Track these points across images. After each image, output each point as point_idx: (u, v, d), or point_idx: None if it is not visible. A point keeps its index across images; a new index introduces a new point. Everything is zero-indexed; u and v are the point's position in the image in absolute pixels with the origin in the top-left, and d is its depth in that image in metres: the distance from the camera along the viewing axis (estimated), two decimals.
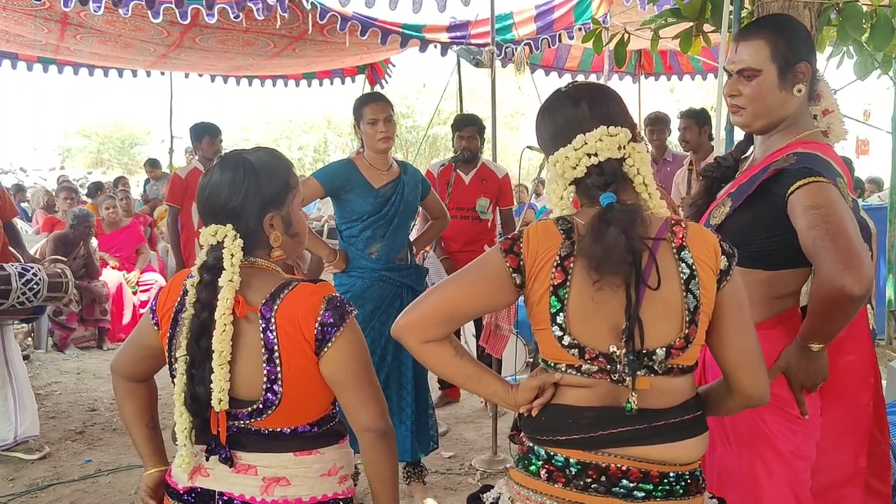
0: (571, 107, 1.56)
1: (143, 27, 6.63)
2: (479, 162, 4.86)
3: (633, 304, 1.42)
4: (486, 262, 1.54)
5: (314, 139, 23.40)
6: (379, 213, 3.47)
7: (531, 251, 1.49)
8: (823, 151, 1.88)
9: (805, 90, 1.97)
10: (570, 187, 1.53)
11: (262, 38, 7.16)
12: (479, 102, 18.82)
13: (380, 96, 3.63)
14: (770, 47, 2.00)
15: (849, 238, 1.70)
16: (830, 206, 1.74)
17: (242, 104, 20.26)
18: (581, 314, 1.46)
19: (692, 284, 1.48)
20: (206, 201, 1.70)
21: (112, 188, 9.39)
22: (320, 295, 1.64)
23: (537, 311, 1.50)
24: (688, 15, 4.15)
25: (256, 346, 1.61)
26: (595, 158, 1.50)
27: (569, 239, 1.48)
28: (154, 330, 1.74)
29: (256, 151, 1.78)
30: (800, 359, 1.81)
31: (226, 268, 1.62)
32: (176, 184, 5.36)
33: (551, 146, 1.57)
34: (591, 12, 7.25)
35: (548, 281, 1.47)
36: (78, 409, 5.04)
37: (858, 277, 1.67)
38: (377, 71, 9.74)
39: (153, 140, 27.21)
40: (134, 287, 7.14)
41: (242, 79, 9.59)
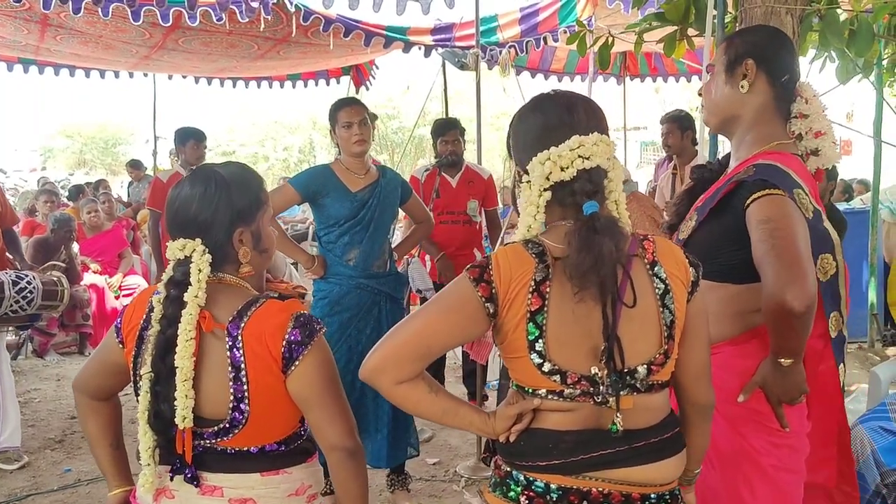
0: (566, 110, 1.52)
1: (125, 28, 6.56)
2: (464, 164, 4.84)
3: (610, 324, 1.40)
4: (455, 293, 1.47)
5: (299, 140, 23.31)
6: (356, 218, 3.44)
7: (503, 278, 1.43)
8: (785, 162, 1.87)
9: (757, 91, 1.96)
10: (546, 193, 1.47)
11: (246, 40, 7.11)
12: (464, 103, 18.82)
13: (354, 100, 3.63)
14: (727, 44, 2.06)
15: (794, 253, 1.70)
16: (780, 221, 1.74)
17: (227, 105, 20.19)
18: (560, 339, 1.43)
19: (667, 299, 1.47)
20: (175, 214, 1.67)
21: (93, 191, 9.28)
22: (288, 312, 1.61)
23: (512, 339, 1.45)
24: (672, 19, 4.15)
25: (223, 363, 1.58)
26: (587, 163, 1.46)
27: (542, 262, 1.44)
28: (118, 347, 1.71)
29: (228, 166, 1.76)
30: (774, 373, 1.80)
31: (192, 283, 1.59)
32: (157, 188, 5.29)
33: (537, 144, 1.50)
34: (575, 15, 7.25)
35: (524, 308, 1.42)
36: (57, 417, 4.97)
37: (799, 293, 1.66)
38: (362, 72, 9.71)
39: (137, 140, 27.01)
40: (116, 291, 7.05)
41: (227, 80, 9.52)
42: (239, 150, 23.57)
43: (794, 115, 2.00)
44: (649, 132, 22.24)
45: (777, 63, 1.97)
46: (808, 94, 2.01)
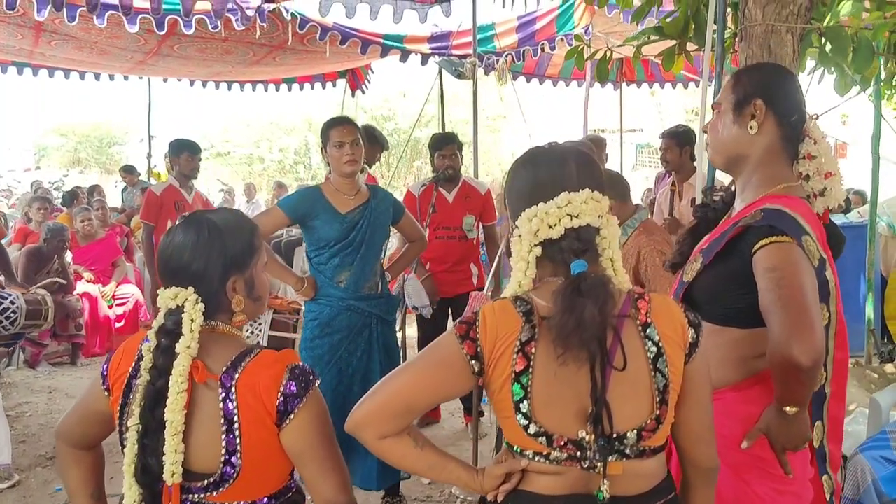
0: (558, 164, 1.49)
1: (120, 35, 6.52)
2: (461, 179, 4.79)
3: (598, 387, 1.36)
4: (441, 349, 1.45)
5: (295, 141, 23.19)
6: (346, 240, 3.40)
7: (489, 336, 1.40)
8: (793, 206, 1.84)
9: (765, 132, 1.93)
10: (537, 248, 1.45)
11: (242, 46, 7.07)
12: (460, 105, 18.78)
13: (347, 119, 3.58)
14: (733, 82, 2.02)
15: (801, 305, 1.66)
16: (787, 269, 1.71)
17: (222, 106, 20.08)
18: (546, 400, 1.39)
19: (660, 363, 1.43)
20: (168, 262, 1.63)
21: (87, 195, 9.21)
22: (283, 363, 1.58)
23: (499, 399, 1.42)
24: (671, 33, 4.14)
25: (215, 416, 1.54)
26: (576, 221, 1.43)
27: (529, 322, 1.40)
28: (104, 396, 1.67)
29: (220, 212, 1.72)
30: (779, 421, 1.77)
31: (184, 333, 1.55)
32: (151, 201, 5.23)
33: (526, 200, 1.48)
34: (573, 23, 7.23)
35: (509, 368, 1.39)
36: (49, 433, 4.88)
37: (806, 348, 1.63)
38: (358, 76, 9.68)
39: (131, 139, 26.84)
40: (110, 301, 7.00)
41: (222, 83, 9.46)
42: (234, 150, 23.47)
43: (801, 155, 1.97)
44: (645, 134, 22.24)
45: (786, 103, 1.94)
46: (817, 135, 1.97)
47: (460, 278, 4.75)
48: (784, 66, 3.31)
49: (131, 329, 7.12)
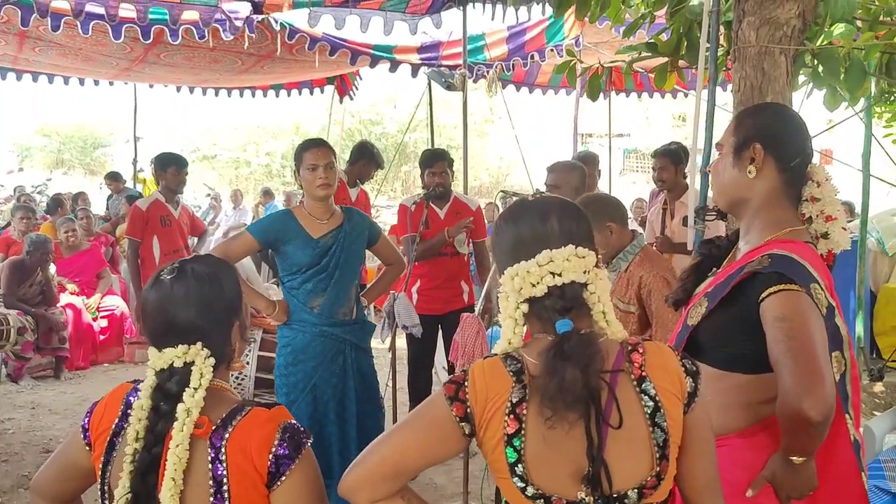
0: (539, 219, 1.45)
1: (105, 42, 6.43)
2: (452, 196, 4.76)
3: (595, 446, 1.33)
4: (429, 410, 1.42)
5: (282, 145, 23.07)
6: (318, 265, 3.35)
7: (479, 398, 1.37)
8: (800, 252, 1.81)
9: (765, 176, 1.90)
10: (524, 305, 1.41)
11: (230, 56, 7.00)
12: (449, 110, 18.76)
13: (321, 142, 3.52)
14: (735, 125, 2.00)
15: (811, 357, 1.63)
16: (797, 320, 1.68)
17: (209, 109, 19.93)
18: (541, 461, 1.36)
19: (658, 417, 1.39)
20: (168, 320, 1.56)
21: (72, 203, 9.09)
22: (275, 423, 1.53)
23: (493, 460, 1.39)
24: (664, 51, 4.12)
25: (203, 478, 1.49)
26: (558, 279, 1.39)
27: (519, 382, 1.37)
28: (86, 450, 1.61)
29: (202, 261, 1.66)
30: (785, 470, 1.74)
31: (192, 392, 1.49)
32: (136, 217, 5.15)
33: (510, 257, 1.45)
34: (563, 34, 7.22)
35: (501, 430, 1.36)
36: (32, 451, 4.81)
37: (816, 402, 1.60)
38: (346, 82, 9.63)
39: (116, 141, 26.64)
40: (94, 313, 6.91)
41: (209, 89, 9.38)
42: (220, 154, 23.33)
43: (805, 198, 1.94)
44: (632, 139, 22.31)
45: (787, 147, 1.91)
46: (821, 178, 1.95)
47: (451, 295, 4.72)
48: (785, 104, 3.31)
49: (116, 342, 7.05)
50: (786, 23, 3.27)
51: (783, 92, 3.35)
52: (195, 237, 5.77)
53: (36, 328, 6.31)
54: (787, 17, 3.26)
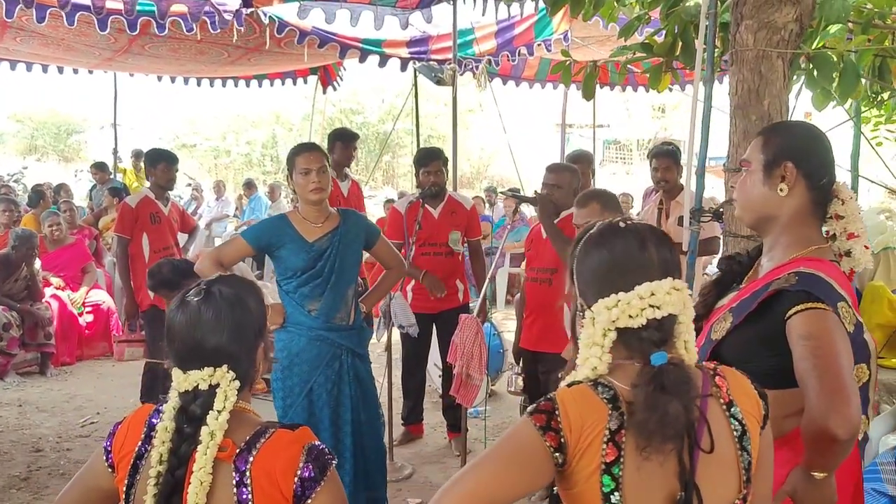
0: (638, 248, 1.41)
1: (89, 33, 6.33)
2: (446, 195, 4.75)
3: (687, 471, 1.33)
4: (519, 442, 1.36)
5: (262, 134, 22.87)
6: (314, 269, 3.31)
7: (574, 426, 1.33)
8: (826, 270, 1.82)
9: (795, 194, 1.91)
10: (612, 334, 1.38)
11: (217, 48, 6.92)
12: (431, 100, 18.70)
13: (314, 146, 3.49)
14: (763, 142, 1.98)
15: (837, 376, 1.65)
16: (823, 338, 1.69)
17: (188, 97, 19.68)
18: (636, 488, 1.34)
19: (745, 441, 1.40)
20: (196, 344, 1.54)
21: (53, 195, 8.96)
22: (300, 444, 1.52)
23: (583, 490, 1.35)
24: (659, 52, 4.13)
25: (228, 502, 1.48)
26: (658, 312, 1.37)
27: (616, 409, 1.34)
28: (108, 473, 1.60)
29: (225, 282, 1.63)
30: (806, 485, 1.77)
31: (218, 411, 1.48)
32: (125, 214, 5.07)
33: (602, 286, 1.40)
34: (551, 29, 7.21)
35: (598, 458, 1.32)
36: (21, 451, 4.75)
37: (842, 421, 1.62)
38: (329, 73, 9.55)
39: (91, 127, 26.25)
40: (80, 308, 6.84)
41: (191, 78, 9.26)
42: (200, 143, 23.06)
43: (829, 215, 1.96)
44: (612, 130, 22.38)
45: (817, 166, 1.92)
46: (845, 196, 1.96)
47: (446, 294, 4.71)
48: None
49: (102, 337, 6.97)
50: (783, 27, 3.30)
51: (780, 95, 3.38)
52: (185, 234, 5.69)
53: (21, 324, 6.23)
54: (784, 20, 3.29)
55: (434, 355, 5.04)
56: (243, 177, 17.44)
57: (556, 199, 4.10)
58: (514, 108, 14.48)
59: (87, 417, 5.39)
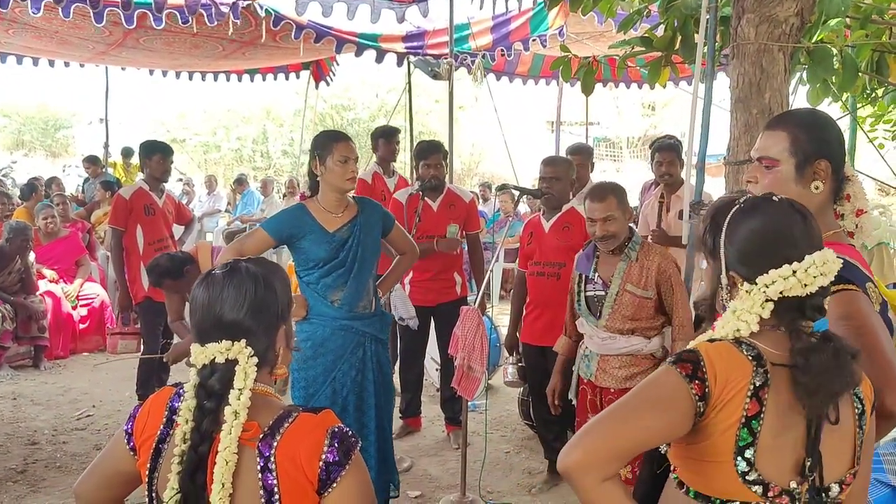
0: (801, 220, 1.49)
1: (83, 26, 6.30)
2: (445, 188, 4.75)
3: (814, 439, 1.40)
4: (664, 387, 1.41)
5: (253, 130, 22.75)
6: (336, 260, 3.29)
7: (720, 378, 1.38)
8: (850, 254, 1.83)
9: (825, 188, 1.91)
10: (770, 304, 1.44)
11: (212, 41, 6.89)
12: (422, 95, 18.68)
13: (348, 136, 3.48)
14: (790, 140, 1.93)
15: (884, 352, 1.66)
16: (862, 319, 1.70)
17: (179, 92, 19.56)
18: (769, 448, 1.39)
19: (862, 420, 1.47)
20: (215, 316, 1.53)
21: (45, 188, 8.89)
22: (323, 428, 1.49)
23: (717, 442, 1.39)
24: (658, 47, 4.14)
25: (254, 487, 1.45)
26: (824, 280, 1.44)
27: (761, 367, 1.40)
28: (130, 456, 1.58)
29: (257, 263, 1.62)
30: None
31: (239, 389, 1.47)
32: (119, 205, 5.01)
33: (766, 254, 1.46)
34: (546, 24, 7.22)
35: (739, 412, 1.37)
36: (17, 444, 4.71)
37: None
38: (322, 68, 9.53)
39: (79, 122, 26.08)
40: (74, 301, 6.79)
41: (183, 72, 9.21)
42: (191, 138, 22.94)
43: (841, 195, 1.97)
44: (602, 128, 22.42)
45: (842, 157, 1.93)
46: (850, 173, 1.98)
47: (444, 287, 4.71)
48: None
49: (96, 330, 6.93)
50: (784, 20, 3.32)
51: (780, 89, 3.40)
52: (182, 225, 5.66)
53: (14, 317, 6.18)
54: (785, 14, 3.31)
55: (431, 349, 5.04)
56: (234, 172, 17.37)
57: (555, 192, 4.10)
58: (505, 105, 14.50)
59: (82, 410, 5.37)
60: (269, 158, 22.61)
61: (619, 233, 3.31)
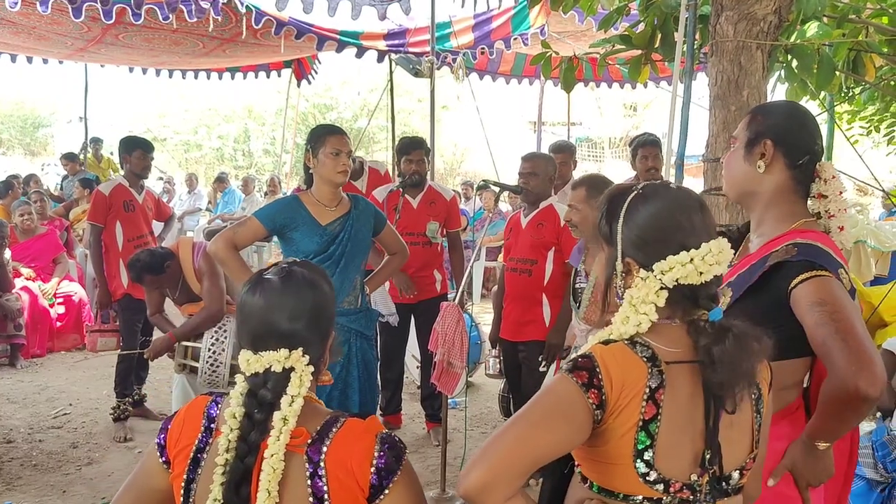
0: (697, 209, 1.46)
1: (62, 21, 6.25)
2: (426, 185, 4.74)
3: (712, 431, 1.39)
4: (561, 400, 1.37)
5: (234, 129, 22.61)
6: (325, 253, 3.30)
7: (615, 384, 1.35)
8: (823, 241, 1.85)
9: (776, 172, 1.94)
10: (665, 292, 1.41)
11: (192, 38, 6.85)
12: (404, 95, 18.66)
13: (342, 129, 3.48)
14: (749, 119, 2.02)
15: (858, 337, 1.68)
16: (836, 303, 1.72)
17: (159, 90, 19.42)
18: (668, 446, 1.38)
19: (760, 405, 1.47)
20: (273, 323, 1.48)
21: (23, 186, 8.79)
22: (372, 433, 1.45)
23: (615, 447, 1.37)
24: (638, 44, 4.15)
25: (303, 494, 1.41)
26: (720, 269, 1.43)
27: (655, 367, 1.37)
28: (163, 469, 1.52)
29: (303, 265, 1.58)
30: (806, 457, 1.79)
31: (292, 396, 1.43)
32: (99, 202, 4.96)
33: (661, 240, 1.43)
34: (528, 23, 7.24)
35: (637, 416, 1.35)
36: None
37: (872, 379, 1.64)
38: (304, 66, 9.51)
39: (58, 121, 25.84)
40: (51, 299, 6.72)
41: (163, 70, 9.15)
42: (171, 137, 22.76)
43: (813, 194, 1.99)
44: (584, 128, 22.51)
45: (796, 146, 1.95)
46: (828, 175, 1.99)
47: (423, 284, 4.71)
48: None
49: (73, 329, 6.86)
50: (763, 18, 3.35)
51: (759, 86, 3.42)
52: (161, 222, 5.61)
53: None
54: (764, 12, 3.33)
55: (412, 346, 5.03)
56: (215, 171, 17.27)
57: (532, 188, 4.11)
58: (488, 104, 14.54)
59: (59, 409, 5.31)
60: (251, 157, 22.49)
61: (580, 224, 3.33)
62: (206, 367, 3.71)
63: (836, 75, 3.89)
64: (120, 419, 4.83)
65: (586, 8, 4.68)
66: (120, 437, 4.75)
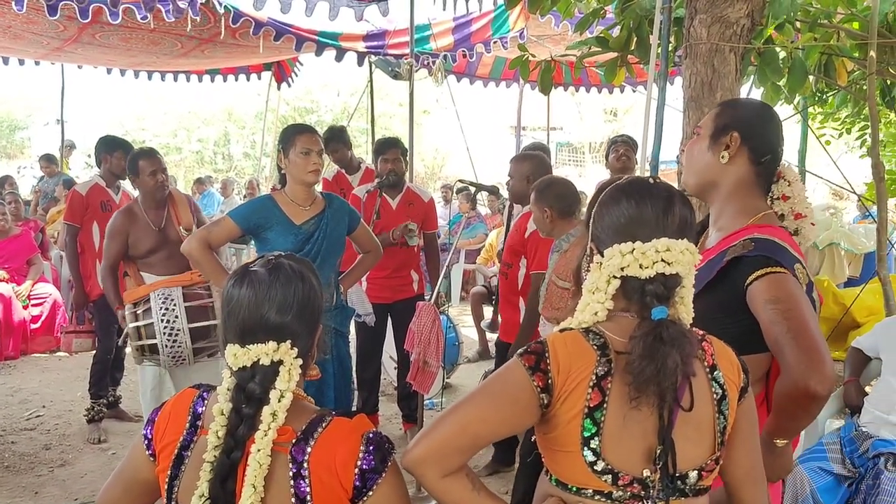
0: (664, 206, 1.44)
1: (37, 20, 6.18)
2: (405, 186, 4.75)
3: (665, 426, 1.37)
4: (507, 381, 1.39)
5: (214, 132, 22.49)
6: (300, 252, 3.28)
7: (562, 369, 1.36)
8: (780, 236, 1.87)
9: (739, 165, 1.95)
10: (616, 281, 1.42)
11: (170, 38, 6.81)
12: (384, 99, 18.66)
13: (312, 128, 3.49)
14: (718, 112, 2.04)
15: (810, 335, 1.69)
16: (790, 301, 1.73)
17: (138, 92, 19.28)
18: (616, 437, 1.37)
19: (723, 405, 1.44)
20: (262, 316, 1.46)
21: None
22: (358, 433, 1.43)
23: (563, 433, 1.38)
24: (614, 47, 4.19)
25: (285, 494, 1.40)
26: (668, 268, 1.40)
27: (604, 356, 1.38)
28: (149, 462, 1.51)
29: (291, 258, 1.57)
30: (765, 454, 1.80)
31: (281, 391, 1.41)
32: (76, 201, 4.91)
33: (620, 233, 1.44)
34: (508, 26, 7.28)
35: (582, 402, 1.36)
36: None
37: (822, 378, 1.65)
38: (284, 69, 9.49)
39: (35, 123, 25.57)
40: (25, 301, 6.64)
41: (141, 72, 9.08)
42: (150, 140, 22.59)
43: (776, 196, 2.01)
44: (564, 133, 22.61)
45: (761, 142, 1.97)
46: (791, 177, 2.02)
47: (400, 284, 4.71)
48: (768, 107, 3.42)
49: (48, 331, 6.79)
50: (735, 21, 3.38)
51: (732, 88, 3.46)
52: None
53: None
54: (737, 16, 3.37)
55: (389, 347, 5.03)
56: (195, 174, 17.19)
57: (511, 189, 4.15)
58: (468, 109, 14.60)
59: (32, 411, 5.26)
60: (231, 160, 22.39)
61: (538, 224, 3.56)
62: (165, 339, 3.57)
63: (808, 79, 3.96)
64: (94, 420, 4.79)
65: (563, 11, 4.72)
66: (94, 438, 4.71)
